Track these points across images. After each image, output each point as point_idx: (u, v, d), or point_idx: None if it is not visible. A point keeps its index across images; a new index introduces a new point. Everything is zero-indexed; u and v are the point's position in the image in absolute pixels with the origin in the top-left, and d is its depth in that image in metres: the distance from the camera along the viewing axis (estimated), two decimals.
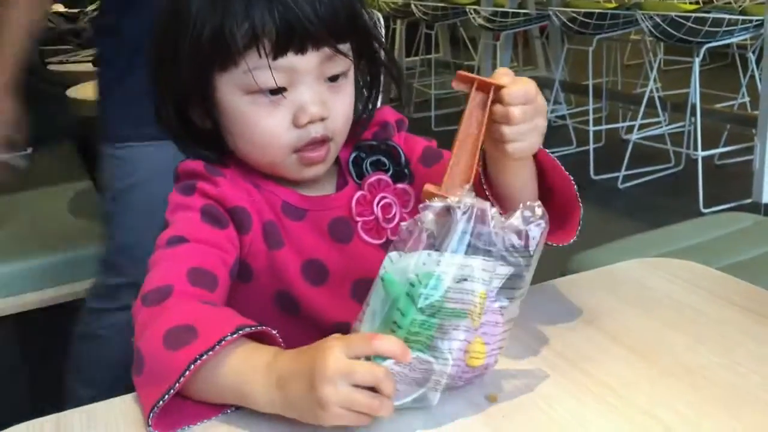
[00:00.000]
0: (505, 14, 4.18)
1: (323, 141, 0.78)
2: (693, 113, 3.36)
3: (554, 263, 1.02)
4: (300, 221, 0.82)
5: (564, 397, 0.65)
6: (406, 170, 0.87)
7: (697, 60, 3.26)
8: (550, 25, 4.30)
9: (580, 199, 0.79)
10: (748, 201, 3.06)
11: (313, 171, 0.81)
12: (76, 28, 3.92)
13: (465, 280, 0.60)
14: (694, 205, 3.04)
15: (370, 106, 0.87)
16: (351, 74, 0.81)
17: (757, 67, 3.52)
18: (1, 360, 1.70)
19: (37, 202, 2.12)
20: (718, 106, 4.07)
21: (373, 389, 0.58)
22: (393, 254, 0.63)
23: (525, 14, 4.13)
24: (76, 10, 4.49)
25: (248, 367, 0.63)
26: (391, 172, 0.86)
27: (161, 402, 0.62)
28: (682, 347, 0.73)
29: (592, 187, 3.53)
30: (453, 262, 0.60)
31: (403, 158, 0.87)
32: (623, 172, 3.45)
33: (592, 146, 3.68)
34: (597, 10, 3.59)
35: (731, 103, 4.16)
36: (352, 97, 0.81)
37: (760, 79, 3.17)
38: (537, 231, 0.62)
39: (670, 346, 0.73)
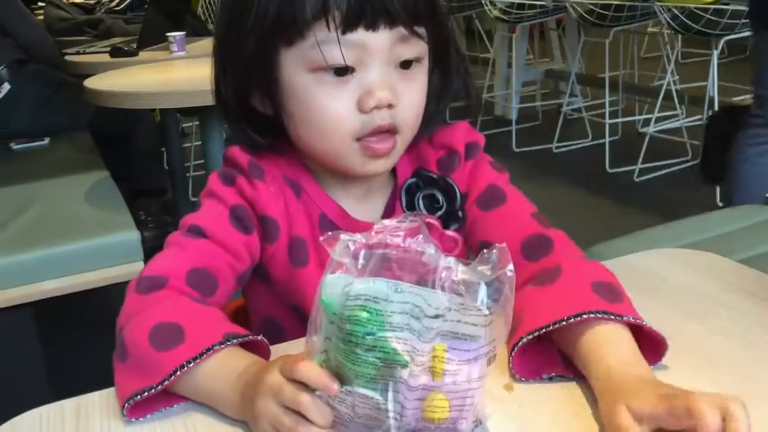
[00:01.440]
0: (521, 6, 4.16)
1: (389, 131, 0.73)
2: (711, 106, 3.33)
3: None
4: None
5: (581, 385, 0.65)
6: (459, 212, 0.82)
7: (716, 52, 3.22)
8: (567, 17, 4.27)
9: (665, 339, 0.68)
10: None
11: (376, 165, 0.75)
12: (92, 19, 3.94)
13: (407, 326, 0.52)
14: (710, 199, 3.01)
15: (441, 106, 0.81)
16: (425, 63, 0.76)
17: None
18: (20, 346, 1.72)
19: (55, 191, 2.14)
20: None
21: None
22: (329, 278, 0.54)
23: (541, 6, 4.10)
24: (92, 1, 4.52)
25: (225, 375, 0.63)
26: (443, 210, 0.81)
27: (139, 397, 0.62)
28: (698, 338, 0.72)
29: (608, 181, 3.51)
30: (400, 302, 0.52)
31: (458, 200, 0.81)
32: (639, 166, 3.43)
33: (608, 139, 3.66)
34: (614, 2, 3.56)
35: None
36: (425, 89, 0.77)
37: None
38: (491, 288, 0.52)
39: (686, 337, 0.72)
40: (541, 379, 0.67)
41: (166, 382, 0.62)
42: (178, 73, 2.40)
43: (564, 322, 0.64)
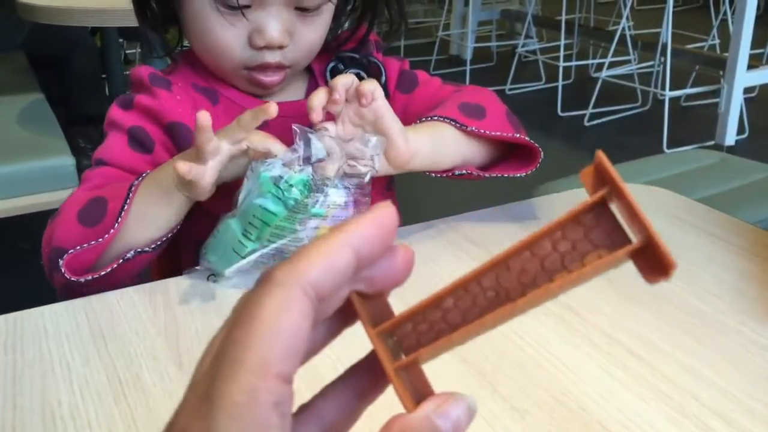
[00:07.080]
0: None
1: (278, 67, 0.76)
2: (663, 53, 3.34)
3: (519, 193, 1.00)
4: (264, 128, 0.79)
5: (524, 318, 0.63)
6: (385, 90, 0.82)
7: (671, 0, 3.21)
8: None
9: (536, 144, 0.79)
10: (711, 143, 3.07)
11: (262, 91, 0.79)
12: None
13: (326, 186, 0.66)
14: (657, 146, 3.04)
15: (357, 27, 0.83)
16: (327, 9, 0.76)
17: (730, 9, 3.49)
18: None
19: None
20: (689, 47, 4.06)
21: None
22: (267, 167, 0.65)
23: None
24: None
25: (160, 172, 0.69)
26: None
27: (86, 245, 0.65)
28: None
29: (559, 124, 3.51)
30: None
31: (384, 76, 0.83)
32: (590, 110, 3.43)
33: (561, 83, 3.65)
34: None
35: (701, 44, 4.14)
36: (324, 29, 0.78)
37: (731, 22, 3.15)
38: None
39: (634, 270, 0.71)
40: None
41: (113, 231, 0.65)
42: None
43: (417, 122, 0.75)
